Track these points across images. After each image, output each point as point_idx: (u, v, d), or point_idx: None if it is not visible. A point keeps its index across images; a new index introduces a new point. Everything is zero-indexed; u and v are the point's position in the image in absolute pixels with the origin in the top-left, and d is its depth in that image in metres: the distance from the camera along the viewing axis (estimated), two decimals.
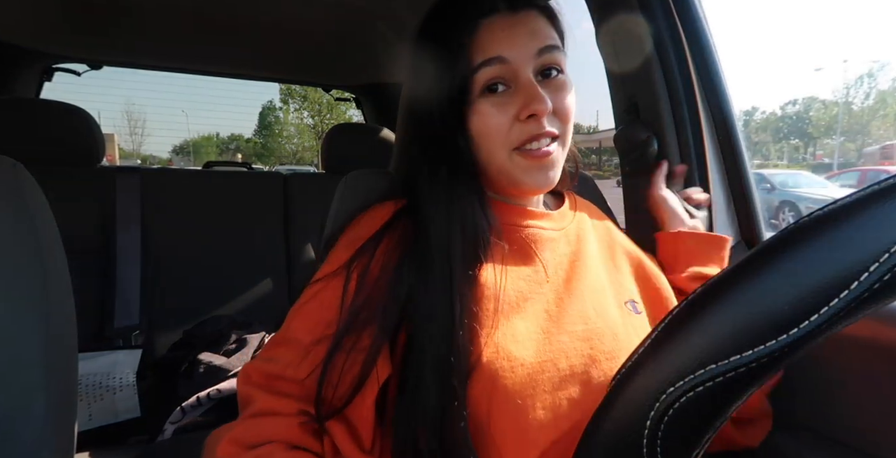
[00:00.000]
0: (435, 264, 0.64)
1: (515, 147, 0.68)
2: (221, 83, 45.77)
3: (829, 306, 0.23)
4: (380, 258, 0.66)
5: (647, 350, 0.27)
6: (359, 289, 0.64)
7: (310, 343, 0.62)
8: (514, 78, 0.67)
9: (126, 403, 1.33)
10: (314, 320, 0.65)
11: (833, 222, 0.24)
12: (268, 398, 0.61)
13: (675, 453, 0.25)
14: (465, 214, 0.67)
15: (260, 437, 0.58)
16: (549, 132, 0.67)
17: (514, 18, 0.68)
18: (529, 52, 0.66)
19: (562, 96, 0.68)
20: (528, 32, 0.67)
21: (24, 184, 0.64)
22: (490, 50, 0.66)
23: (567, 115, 0.69)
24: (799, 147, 44.59)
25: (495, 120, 0.67)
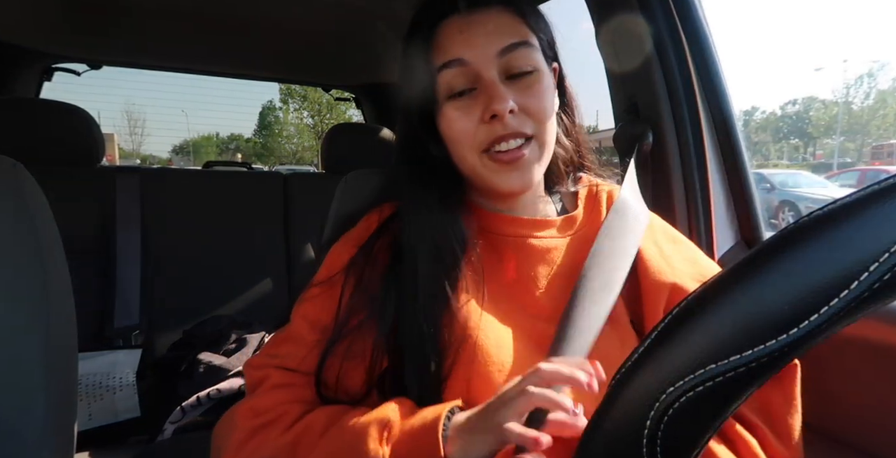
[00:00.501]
0: (411, 273, 0.65)
1: (484, 149, 0.66)
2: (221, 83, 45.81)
3: (829, 306, 0.23)
4: (372, 265, 0.67)
5: (647, 350, 0.27)
6: (353, 294, 0.66)
7: (312, 341, 0.65)
8: (477, 79, 0.65)
9: (126, 403, 1.33)
10: (313, 320, 0.67)
11: (833, 222, 0.24)
12: (281, 374, 0.65)
13: (674, 453, 0.25)
14: (438, 224, 0.67)
15: (279, 401, 0.62)
16: (515, 132, 0.64)
17: (472, 18, 0.65)
18: (489, 52, 0.64)
19: (532, 94, 0.65)
20: (487, 32, 0.64)
21: (24, 184, 0.64)
22: (449, 52, 0.65)
23: (539, 113, 0.66)
24: (799, 147, 44.58)
25: (460, 124, 0.66)
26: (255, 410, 0.61)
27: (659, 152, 1.07)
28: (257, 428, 0.60)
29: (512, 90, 0.64)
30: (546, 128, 0.67)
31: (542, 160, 0.68)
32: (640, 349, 0.27)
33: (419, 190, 0.70)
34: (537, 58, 0.66)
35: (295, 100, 37.88)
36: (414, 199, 0.70)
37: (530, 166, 0.67)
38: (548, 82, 0.67)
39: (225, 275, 1.79)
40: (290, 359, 0.65)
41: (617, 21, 1.07)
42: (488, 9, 0.66)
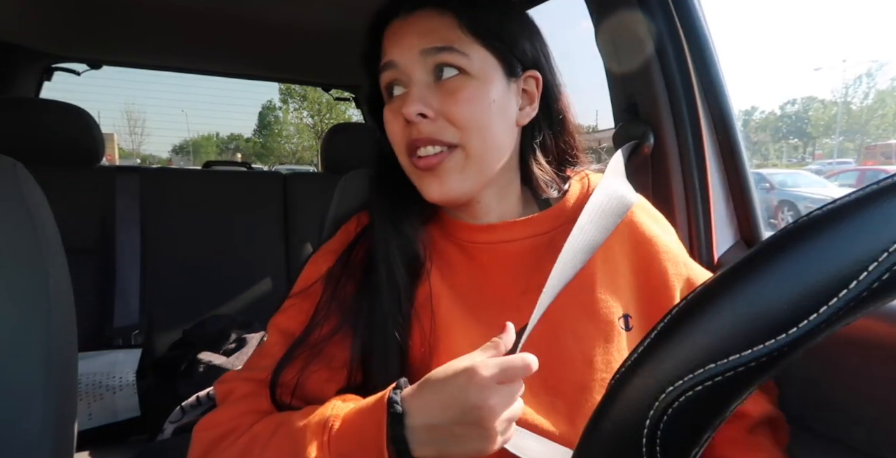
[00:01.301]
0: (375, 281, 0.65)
1: (409, 153, 0.65)
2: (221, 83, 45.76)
3: (828, 306, 0.23)
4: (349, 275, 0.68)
5: (646, 350, 0.27)
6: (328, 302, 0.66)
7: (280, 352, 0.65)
8: (407, 82, 0.65)
9: (126, 402, 1.33)
10: (284, 331, 0.67)
11: (832, 222, 0.24)
12: (245, 386, 0.64)
13: (674, 452, 0.25)
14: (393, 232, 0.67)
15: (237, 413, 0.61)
16: (429, 138, 0.62)
17: (406, 21, 0.65)
18: (413, 53, 0.63)
19: (455, 101, 0.62)
20: (414, 34, 0.64)
21: (24, 183, 0.64)
22: (385, 55, 0.66)
23: (460, 120, 0.62)
24: (798, 147, 44.60)
25: (391, 126, 0.66)
26: (211, 423, 0.60)
27: (658, 152, 1.07)
28: (210, 442, 0.59)
29: (436, 94, 0.63)
30: (475, 137, 0.63)
31: (467, 171, 0.65)
32: (639, 349, 0.27)
33: (381, 198, 0.70)
34: (465, 63, 0.63)
35: (295, 100, 37.91)
36: (376, 207, 0.70)
37: (449, 176, 0.64)
38: (480, 89, 0.63)
39: (225, 274, 1.79)
40: (258, 371, 0.65)
41: (616, 20, 1.07)
42: (422, 11, 0.65)
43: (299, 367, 0.63)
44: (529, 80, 0.69)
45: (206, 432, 0.60)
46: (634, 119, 1.10)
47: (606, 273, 0.68)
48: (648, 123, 1.07)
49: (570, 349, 0.64)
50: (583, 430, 0.29)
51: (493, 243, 0.70)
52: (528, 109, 0.69)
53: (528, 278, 0.67)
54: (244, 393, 0.63)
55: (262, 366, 0.65)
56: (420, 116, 0.62)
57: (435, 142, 0.63)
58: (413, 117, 0.62)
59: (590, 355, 0.63)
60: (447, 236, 0.72)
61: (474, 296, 0.67)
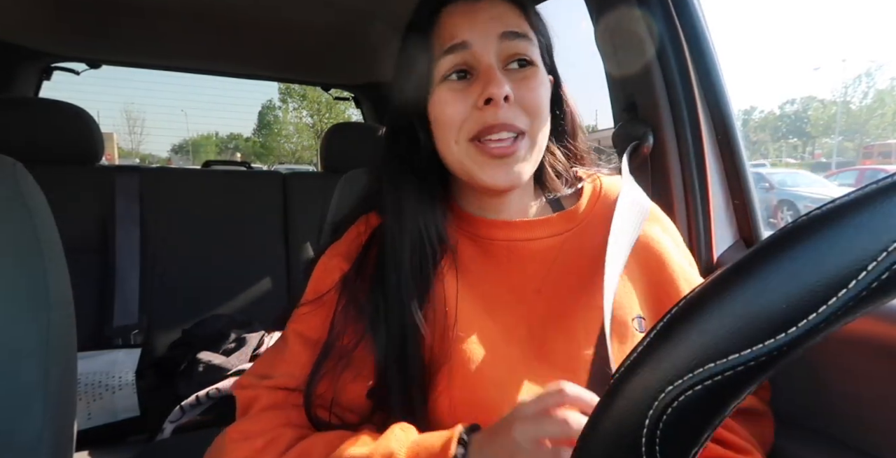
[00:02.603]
0: (390, 280, 0.65)
1: (472, 137, 0.64)
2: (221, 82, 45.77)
3: (827, 305, 0.23)
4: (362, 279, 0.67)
5: (646, 349, 0.27)
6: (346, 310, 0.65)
7: (306, 360, 0.64)
8: (476, 64, 0.64)
9: (125, 402, 1.33)
10: (307, 338, 0.66)
11: (831, 221, 0.24)
12: (273, 395, 0.63)
13: (673, 451, 0.25)
14: (415, 223, 0.66)
15: (269, 424, 0.60)
16: (507, 124, 0.62)
17: (476, 5, 0.65)
18: (491, 35, 0.63)
19: (528, 87, 0.64)
20: (489, 18, 0.64)
21: (24, 183, 0.64)
22: (451, 36, 0.64)
23: (535, 108, 0.64)
24: (797, 146, 44.63)
25: (452, 107, 0.64)
26: (246, 434, 0.59)
27: (658, 152, 1.07)
28: (249, 454, 0.57)
29: (509, 79, 0.63)
30: (538, 125, 0.65)
31: (531, 159, 0.66)
32: (638, 348, 0.27)
33: (399, 193, 0.68)
34: (536, 54, 0.65)
35: (294, 99, 37.88)
36: (394, 199, 0.68)
37: (519, 163, 0.65)
38: (543, 80, 0.66)
39: (224, 274, 1.79)
40: (284, 378, 0.64)
41: (616, 20, 1.07)
42: None
43: (331, 379, 0.62)
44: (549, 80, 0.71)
45: (241, 443, 0.58)
46: (634, 119, 1.10)
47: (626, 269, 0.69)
48: (648, 123, 1.07)
49: (587, 351, 0.64)
50: (583, 429, 0.29)
51: (511, 240, 0.70)
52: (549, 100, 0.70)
53: (542, 278, 0.67)
54: (271, 403, 0.62)
55: (287, 374, 0.64)
56: (504, 100, 0.62)
57: (509, 127, 0.63)
58: (500, 99, 0.61)
59: (606, 355, 0.63)
60: (463, 231, 0.72)
61: (488, 293, 0.67)
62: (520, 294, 0.67)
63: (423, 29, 0.67)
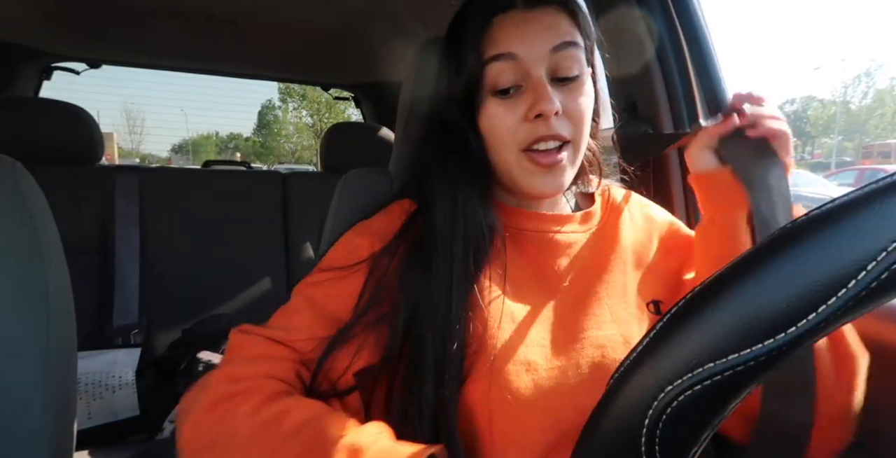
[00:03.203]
0: (437, 266, 0.65)
1: (524, 148, 0.66)
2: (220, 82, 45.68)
3: (826, 305, 0.23)
4: (396, 260, 0.67)
5: (646, 349, 0.27)
6: (375, 289, 0.65)
7: (315, 323, 0.64)
8: (525, 77, 0.65)
9: (125, 401, 1.33)
10: (320, 305, 0.65)
11: (830, 221, 0.24)
12: (265, 345, 0.62)
13: (673, 451, 0.26)
14: (468, 217, 0.67)
15: (255, 373, 0.59)
16: (556, 134, 0.64)
17: (529, 14, 0.65)
18: (542, 49, 0.64)
19: (575, 97, 0.65)
20: (542, 29, 0.64)
21: (24, 183, 0.64)
22: (501, 46, 0.65)
23: (580, 118, 0.66)
24: (797, 146, 44.63)
25: (503, 120, 0.66)
26: (231, 377, 0.58)
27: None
28: (228, 395, 0.56)
29: (557, 92, 0.64)
30: (582, 133, 0.67)
31: (575, 165, 0.69)
32: (638, 348, 0.27)
33: (452, 181, 0.69)
34: (583, 60, 0.66)
35: (294, 99, 37.86)
36: (446, 190, 0.69)
37: (565, 171, 0.67)
38: (589, 87, 0.67)
39: (224, 274, 1.79)
40: (282, 331, 0.64)
41: (615, 20, 1.07)
42: (546, 7, 0.66)
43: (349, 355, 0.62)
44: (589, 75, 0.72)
45: (225, 385, 0.57)
46: (634, 119, 1.10)
47: (635, 260, 0.74)
48: (648, 123, 1.07)
49: (611, 330, 0.67)
50: (582, 428, 0.29)
51: (542, 232, 0.72)
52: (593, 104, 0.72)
53: (569, 268, 0.70)
54: (263, 352, 0.62)
55: (285, 328, 0.64)
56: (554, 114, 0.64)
57: (558, 137, 0.65)
58: (552, 114, 0.63)
59: (629, 338, 0.66)
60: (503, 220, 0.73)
61: (520, 281, 0.68)
62: (549, 283, 0.69)
63: (476, 31, 0.67)
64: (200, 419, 0.56)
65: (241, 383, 0.57)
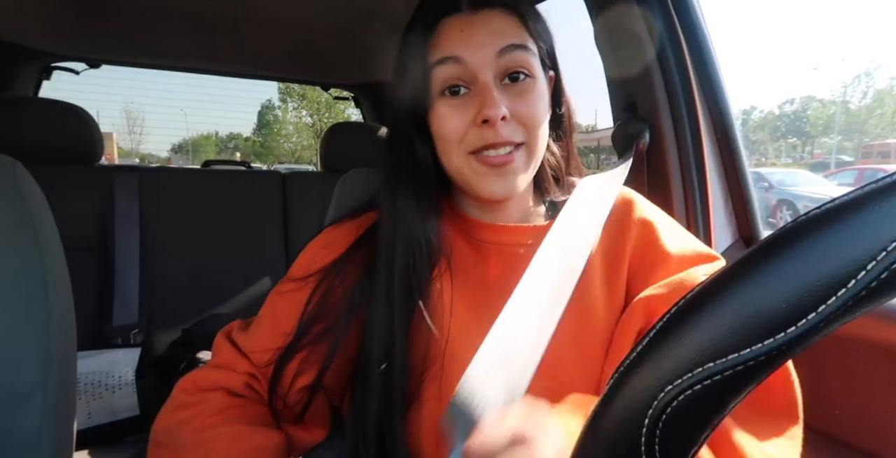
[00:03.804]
0: (380, 282, 0.65)
1: (472, 151, 0.65)
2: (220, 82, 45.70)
3: (826, 305, 0.23)
4: (344, 275, 0.68)
5: (645, 349, 0.27)
6: (319, 303, 0.67)
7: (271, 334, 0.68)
8: (472, 80, 0.64)
9: (125, 401, 1.33)
10: (280, 319, 0.69)
11: (830, 221, 0.24)
12: (230, 355, 0.69)
13: (672, 451, 0.26)
14: (411, 230, 0.66)
15: (213, 383, 0.66)
16: (506, 141, 0.63)
17: (474, 17, 0.64)
18: (488, 52, 0.63)
19: (525, 102, 0.64)
20: (487, 32, 0.63)
21: (23, 183, 0.64)
22: (446, 49, 0.64)
23: (531, 122, 0.64)
24: (797, 146, 44.65)
25: (451, 122, 0.64)
26: (194, 383, 0.67)
27: (657, 151, 1.07)
28: (183, 405, 0.65)
29: (505, 96, 0.63)
30: (537, 136, 0.65)
31: (529, 168, 0.67)
32: (638, 348, 0.27)
33: (398, 193, 0.69)
34: (534, 64, 0.65)
35: (294, 99, 37.89)
36: (391, 203, 0.69)
37: (516, 173, 0.65)
38: (541, 90, 0.66)
39: (224, 273, 1.79)
40: (253, 340, 0.69)
41: (615, 20, 1.07)
42: (491, 10, 0.64)
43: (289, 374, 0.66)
44: (550, 79, 0.70)
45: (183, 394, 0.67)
46: (633, 118, 1.10)
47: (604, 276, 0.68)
48: (647, 123, 1.08)
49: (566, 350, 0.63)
50: (582, 428, 0.29)
51: (501, 244, 0.70)
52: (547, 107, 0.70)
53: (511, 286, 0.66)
54: (225, 361, 0.68)
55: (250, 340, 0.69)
56: (501, 119, 0.62)
57: (508, 143, 0.64)
58: (498, 120, 0.61)
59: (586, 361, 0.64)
60: (461, 232, 0.72)
61: (483, 295, 0.67)
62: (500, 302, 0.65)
63: (421, 38, 0.66)
64: (162, 418, 0.66)
65: (197, 394, 0.66)
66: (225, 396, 0.66)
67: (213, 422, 0.62)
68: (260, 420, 0.65)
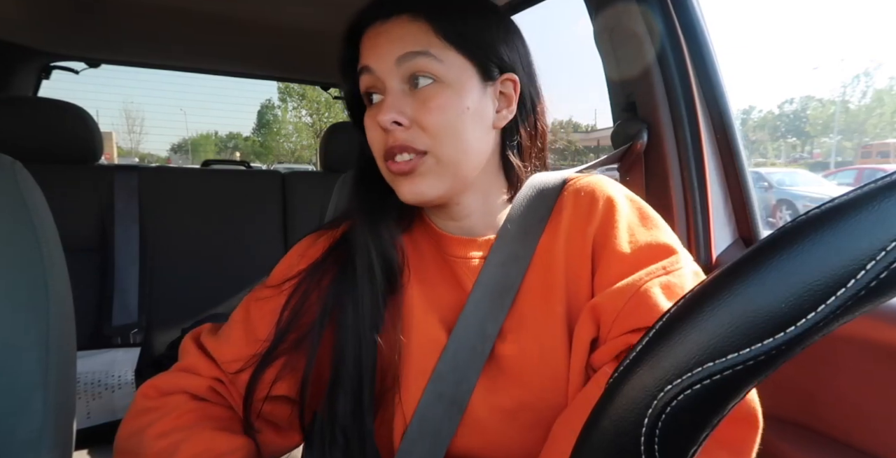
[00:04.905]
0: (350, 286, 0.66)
1: (383, 158, 0.65)
2: (220, 82, 45.74)
3: (825, 305, 0.23)
4: (318, 281, 0.68)
5: (644, 348, 0.27)
6: (293, 311, 0.67)
7: (243, 340, 0.68)
8: (383, 88, 0.65)
9: (124, 401, 1.33)
10: (255, 324, 0.69)
11: (829, 220, 0.24)
12: (196, 359, 0.68)
13: (672, 451, 0.26)
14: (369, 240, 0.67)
15: (176, 387, 0.66)
16: (403, 146, 0.62)
17: (382, 27, 0.64)
18: (388, 60, 0.63)
19: (427, 108, 0.62)
20: (389, 40, 0.63)
21: (23, 182, 0.64)
22: (363, 59, 0.66)
23: (434, 128, 0.62)
24: (796, 145, 44.67)
25: (370, 132, 0.66)
26: (156, 388, 0.66)
27: (656, 151, 1.07)
28: (145, 410, 0.64)
29: (410, 102, 0.63)
30: (443, 144, 0.63)
31: (440, 175, 0.65)
32: (637, 348, 0.27)
33: (362, 201, 0.71)
34: (439, 69, 0.63)
35: (293, 98, 37.92)
36: (356, 210, 0.70)
37: (422, 180, 0.64)
38: (453, 97, 0.63)
39: (223, 273, 1.79)
40: (223, 344, 0.68)
41: (615, 19, 1.07)
42: (398, 18, 0.64)
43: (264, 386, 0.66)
44: (507, 83, 0.68)
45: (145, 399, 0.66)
46: (633, 118, 1.11)
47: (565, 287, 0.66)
48: (646, 122, 1.08)
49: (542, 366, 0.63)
50: (581, 429, 0.29)
51: (455, 256, 0.70)
52: (504, 112, 0.68)
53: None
54: (191, 365, 0.68)
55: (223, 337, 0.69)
56: (395, 124, 0.62)
57: (408, 149, 0.63)
58: (388, 125, 0.62)
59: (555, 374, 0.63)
60: (429, 242, 0.72)
61: (449, 307, 0.67)
62: None
63: (349, 50, 0.69)
64: (125, 424, 0.65)
65: (159, 399, 0.65)
66: (188, 399, 0.65)
67: (175, 425, 0.61)
68: (224, 425, 0.64)
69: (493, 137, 0.69)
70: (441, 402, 0.61)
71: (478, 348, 0.63)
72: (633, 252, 0.62)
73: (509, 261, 0.66)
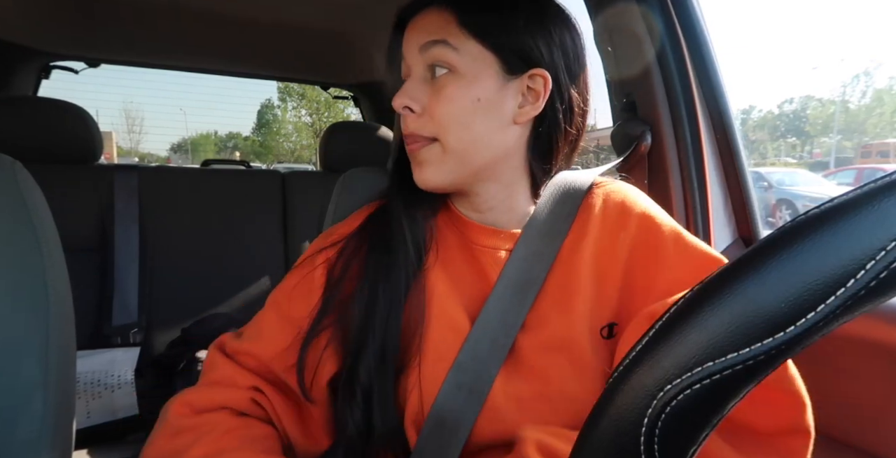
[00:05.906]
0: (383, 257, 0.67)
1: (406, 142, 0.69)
2: (220, 81, 45.76)
3: (825, 304, 0.23)
4: (347, 264, 0.69)
5: (644, 348, 0.27)
6: (330, 289, 0.67)
7: (278, 330, 0.68)
8: (409, 76, 0.68)
9: (124, 401, 1.33)
10: (285, 310, 0.69)
11: (829, 220, 0.24)
12: (228, 368, 0.67)
13: (672, 450, 0.26)
14: (399, 225, 0.68)
15: (213, 403, 0.64)
16: (412, 133, 0.66)
17: (414, 20, 0.68)
18: (414, 49, 0.66)
19: (439, 98, 0.63)
20: (416, 30, 0.66)
21: (23, 182, 0.64)
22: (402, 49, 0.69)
23: (441, 117, 0.63)
24: (796, 145, 44.65)
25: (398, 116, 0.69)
26: (191, 406, 0.63)
27: (656, 150, 1.07)
28: (184, 429, 0.61)
29: (427, 90, 0.65)
30: (452, 134, 0.64)
31: (445, 163, 0.65)
32: (637, 347, 0.27)
33: (394, 190, 0.72)
34: (455, 59, 0.63)
35: (293, 98, 37.88)
36: (392, 192, 0.72)
37: (428, 165, 0.66)
38: (464, 88, 0.63)
39: (223, 273, 1.79)
40: (254, 341, 0.68)
41: (614, 19, 1.07)
42: (426, 9, 0.67)
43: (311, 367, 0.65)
44: (536, 78, 0.66)
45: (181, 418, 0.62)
46: (633, 118, 1.11)
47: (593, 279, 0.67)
48: (646, 122, 1.08)
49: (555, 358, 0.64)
50: (581, 429, 0.29)
51: (495, 248, 0.70)
52: (528, 108, 0.66)
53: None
54: (226, 377, 0.66)
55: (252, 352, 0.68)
56: (407, 110, 0.65)
57: (415, 136, 0.66)
58: (399, 110, 0.65)
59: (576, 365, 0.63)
60: (455, 230, 0.73)
61: (471, 295, 0.67)
62: None
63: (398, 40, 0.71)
64: (155, 444, 0.61)
65: (195, 417, 0.62)
66: (228, 416, 0.63)
67: (216, 448, 0.58)
68: (267, 445, 0.62)
69: (514, 132, 0.67)
70: (461, 391, 0.62)
71: (499, 340, 0.63)
72: (687, 261, 0.65)
73: (533, 257, 0.67)
